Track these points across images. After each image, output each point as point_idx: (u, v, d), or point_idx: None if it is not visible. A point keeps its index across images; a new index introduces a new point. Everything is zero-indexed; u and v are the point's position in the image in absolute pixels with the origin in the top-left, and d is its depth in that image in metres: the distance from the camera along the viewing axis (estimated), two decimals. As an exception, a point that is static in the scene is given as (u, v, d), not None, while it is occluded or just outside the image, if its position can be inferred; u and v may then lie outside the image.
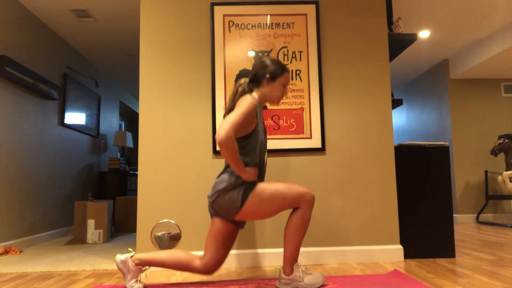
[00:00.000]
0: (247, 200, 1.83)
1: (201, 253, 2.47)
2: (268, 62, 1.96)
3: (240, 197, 1.83)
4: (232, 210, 1.85)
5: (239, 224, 1.99)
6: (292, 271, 1.86)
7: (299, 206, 1.86)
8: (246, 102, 1.81)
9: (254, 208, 1.84)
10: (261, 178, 1.97)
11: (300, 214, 1.85)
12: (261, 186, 1.85)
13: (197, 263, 1.89)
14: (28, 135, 3.53)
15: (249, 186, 1.85)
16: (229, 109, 1.97)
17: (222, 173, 1.93)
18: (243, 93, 1.98)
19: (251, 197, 1.83)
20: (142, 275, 2.23)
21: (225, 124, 1.71)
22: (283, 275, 1.87)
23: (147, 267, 1.92)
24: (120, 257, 1.90)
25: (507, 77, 5.25)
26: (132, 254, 1.91)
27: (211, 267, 1.89)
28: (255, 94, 1.97)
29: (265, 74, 1.94)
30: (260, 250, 2.50)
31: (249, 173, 1.85)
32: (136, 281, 1.88)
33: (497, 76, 5.16)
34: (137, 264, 1.88)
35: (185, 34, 2.64)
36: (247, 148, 1.88)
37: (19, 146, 3.38)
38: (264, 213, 1.86)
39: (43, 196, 3.80)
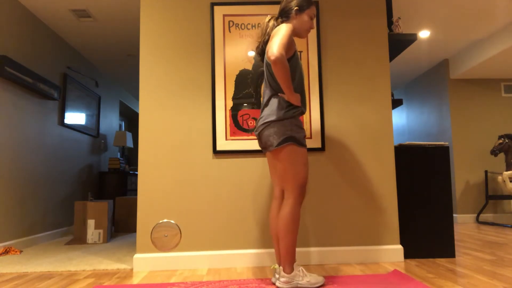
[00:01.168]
0: (281, 146, 1.87)
1: (202, 253, 2.47)
2: None
3: (280, 138, 1.86)
4: (269, 143, 1.91)
5: None
6: (291, 269, 1.88)
7: (289, 196, 1.88)
8: (284, 27, 1.86)
9: (279, 156, 1.89)
10: (304, 103, 2.00)
11: (287, 209, 1.89)
12: (296, 149, 1.88)
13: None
14: (28, 135, 3.53)
15: (292, 138, 1.87)
16: (263, 43, 2.01)
17: (265, 106, 1.96)
18: (274, 27, 2.00)
19: (284, 147, 1.87)
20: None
21: (274, 45, 1.76)
22: (283, 273, 1.88)
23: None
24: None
25: (507, 77, 5.25)
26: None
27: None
28: (288, 24, 1.98)
29: (293, 7, 1.98)
30: (260, 250, 2.50)
31: (296, 96, 1.89)
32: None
33: (497, 76, 5.16)
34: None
35: (185, 34, 2.64)
36: (290, 71, 1.92)
37: (19, 146, 3.38)
38: (279, 168, 1.91)
39: (43, 196, 3.80)
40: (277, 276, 1.94)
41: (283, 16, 2.02)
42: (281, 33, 1.82)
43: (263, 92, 2.03)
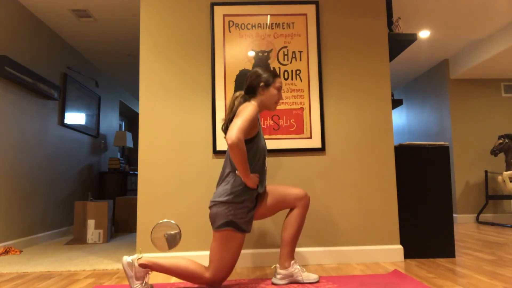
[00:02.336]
0: (219, 230, 1.83)
1: (202, 253, 2.47)
2: (259, 71, 2.01)
3: (220, 221, 1.83)
4: (213, 222, 1.87)
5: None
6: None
7: (208, 270, 1.86)
8: (249, 108, 1.86)
9: (215, 236, 1.85)
10: (262, 183, 1.97)
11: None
12: (233, 236, 1.84)
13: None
14: (28, 135, 3.53)
15: (232, 224, 1.83)
16: (227, 120, 2.00)
17: (220, 182, 1.93)
18: (241, 104, 2.00)
19: (222, 231, 1.83)
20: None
21: (234, 128, 1.75)
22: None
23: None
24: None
25: (507, 77, 5.25)
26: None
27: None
28: (253, 102, 1.98)
29: (260, 83, 1.99)
30: (260, 250, 2.50)
31: (253, 179, 1.86)
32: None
33: (497, 76, 5.16)
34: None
35: (185, 34, 2.64)
36: (249, 154, 1.91)
37: (19, 146, 3.38)
38: (212, 245, 1.87)
39: (43, 196, 3.80)
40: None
41: (250, 92, 2.02)
42: (243, 116, 1.81)
43: (223, 164, 1.99)
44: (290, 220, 1.97)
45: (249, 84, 2.01)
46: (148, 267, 1.82)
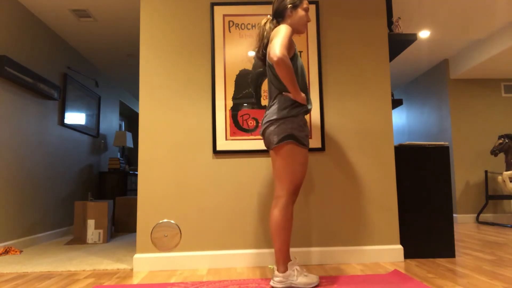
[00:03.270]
0: (281, 144, 1.88)
1: (201, 253, 2.47)
2: None
3: (280, 136, 1.87)
4: (270, 141, 1.92)
5: None
6: (285, 268, 1.88)
7: (282, 195, 1.88)
8: (283, 28, 1.87)
9: (278, 153, 1.89)
10: (308, 101, 2.01)
11: (280, 210, 1.89)
12: (296, 148, 1.88)
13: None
14: (28, 135, 3.53)
15: (292, 137, 1.87)
16: (260, 46, 2.02)
17: (271, 104, 1.96)
18: (271, 30, 2.01)
19: (284, 145, 1.87)
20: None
21: (276, 46, 1.77)
22: (276, 273, 1.89)
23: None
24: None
25: (507, 77, 5.25)
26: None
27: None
28: (285, 24, 1.99)
29: (286, 6, 1.99)
30: (260, 250, 2.50)
31: (302, 95, 1.89)
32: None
33: (497, 76, 5.16)
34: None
35: (185, 34, 2.63)
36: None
37: (19, 146, 3.38)
38: (276, 165, 1.91)
39: (43, 196, 3.80)
40: (275, 279, 1.93)
41: (278, 16, 2.03)
42: (280, 35, 1.83)
43: (268, 92, 2.04)
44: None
45: (276, 8, 2.02)
46: (285, 268, 1.88)
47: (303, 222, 2.55)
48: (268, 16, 2.07)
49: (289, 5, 1.98)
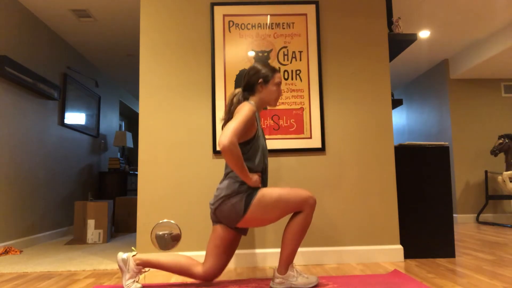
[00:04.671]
0: (250, 207, 1.83)
1: (201, 253, 2.47)
2: (258, 67, 1.98)
3: (242, 204, 1.83)
4: (234, 217, 1.85)
5: (242, 231, 1.98)
6: (286, 271, 1.88)
7: (302, 210, 1.86)
8: (245, 109, 1.82)
9: (257, 214, 1.84)
10: (264, 183, 1.97)
11: (302, 218, 1.85)
12: (264, 192, 1.84)
13: (198, 269, 1.89)
14: (28, 135, 3.53)
15: (252, 192, 1.84)
16: (226, 120, 1.99)
17: (224, 179, 1.92)
18: (239, 102, 1.99)
19: (254, 204, 1.83)
20: (141, 276, 2.22)
21: (227, 131, 1.72)
22: (277, 274, 1.89)
23: (147, 269, 1.91)
24: (122, 255, 1.88)
25: (507, 77, 5.25)
26: (134, 253, 1.90)
27: (211, 274, 1.90)
28: (252, 101, 1.98)
29: (258, 79, 1.95)
30: (260, 250, 2.50)
31: (253, 179, 1.84)
32: (134, 281, 1.87)
33: (497, 76, 5.16)
34: (138, 264, 1.88)
35: (185, 34, 2.64)
36: (249, 154, 1.89)
37: (19, 146, 3.38)
38: (267, 219, 1.86)
39: (43, 196, 3.80)
40: (276, 281, 1.93)
41: (248, 90, 1.98)
42: (239, 117, 1.77)
43: (225, 165, 1.97)
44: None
45: (247, 81, 1.98)
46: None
47: (303, 222, 2.54)
48: (239, 89, 2.03)
49: (260, 80, 1.94)
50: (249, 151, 1.90)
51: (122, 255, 1.88)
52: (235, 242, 1.95)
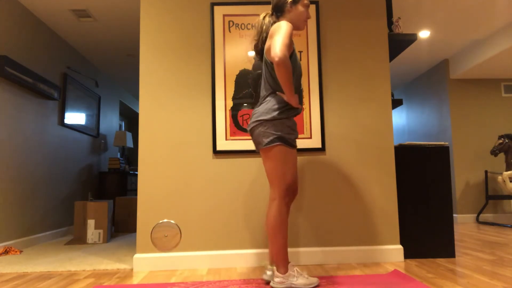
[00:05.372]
0: (270, 145, 1.86)
1: (202, 253, 2.47)
2: None
3: (269, 138, 1.86)
4: (259, 142, 1.90)
5: None
6: (286, 270, 1.88)
7: (275, 197, 1.88)
8: (284, 25, 1.84)
9: (267, 155, 1.88)
10: (300, 102, 1.99)
11: (274, 213, 1.87)
12: (285, 150, 1.86)
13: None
14: (28, 135, 3.53)
15: (282, 139, 1.86)
16: (260, 41, 1.99)
17: (261, 103, 1.94)
18: (271, 24, 1.99)
19: (273, 147, 1.86)
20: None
21: (277, 46, 1.74)
22: (277, 273, 1.89)
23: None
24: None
25: (507, 77, 5.25)
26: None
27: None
28: (285, 20, 1.97)
29: (286, 1, 1.96)
30: (260, 250, 2.50)
31: (296, 97, 1.87)
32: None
33: (497, 76, 5.16)
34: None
35: (185, 34, 2.63)
36: None
37: (19, 146, 3.38)
38: (267, 167, 1.90)
39: (43, 196, 3.80)
40: (268, 273, 1.96)
41: (278, 11, 2.00)
42: (282, 33, 1.79)
43: (261, 88, 2.00)
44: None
45: (276, 3, 1.99)
46: (286, 270, 1.88)
47: (303, 222, 2.55)
48: (267, 12, 2.05)
49: (289, 0, 1.96)
50: None
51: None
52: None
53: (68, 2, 3.42)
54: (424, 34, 4.24)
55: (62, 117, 4.21)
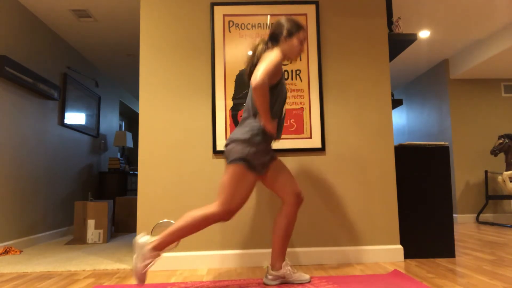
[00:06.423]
0: (233, 163, 1.86)
1: (202, 253, 2.47)
2: (283, 21, 2.02)
3: (234, 156, 1.86)
4: (227, 157, 1.91)
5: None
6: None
7: (214, 208, 1.85)
8: (274, 54, 1.89)
9: (227, 170, 1.88)
10: (279, 130, 2.02)
11: (200, 218, 1.84)
12: (246, 173, 1.85)
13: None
14: (28, 135, 3.53)
15: (247, 162, 1.85)
16: (251, 65, 2.02)
17: (241, 125, 1.95)
18: (264, 50, 2.02)
19: (236, 165, 1.85)
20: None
21: (259, 71, 1.78)
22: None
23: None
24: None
25: (507, 77, 5.25)
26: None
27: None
28: (277, 49, 1.99)
29: (282, 32, 2.00)
30: (260, 250, 2.50)
31: (272, 123, 1.89)
32: (292, 272, 1.93)
33: (497, 76, 5.16)
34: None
35: (185, 34, 2.63)
36: (271, 98, 1.94)
37: (19, 146, 3.38)
38: (223, 179, 1.89)
39: (43, 196, 3.80)
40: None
41: (273, 40, 2.03)
42: (268, 60, 1.84)
43: (243, 110, 2.01)
44: (279, 220, 1.98)
45: (273, 31, 2.03)
46: (158, 248, 1.81)
47: (303, 222, 2.55)
48: (263, 38, 2.08)
49: (285, 32, 1.99)
50: (271, 95, 1.94)
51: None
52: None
53: (68, 2, 3.42)
54: (424, 34, 4.24)
55: (62, 117, 4.21)
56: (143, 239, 1.84)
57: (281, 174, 2.00)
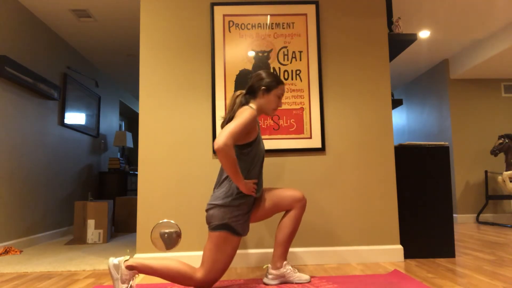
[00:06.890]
0: (215, 231, 1.82)
1: (202, 253, 2.47)
2: (263, 74, 1.99)
3: (216, 222, 1.82)
4: (209, 223, 1.86)
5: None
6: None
7: (200, 274, 1.82)
8: (246, 113, 1.83)
9: (210, 237, 1.85)
10: (258, 188, 1.96)
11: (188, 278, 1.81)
12: (228, 238, 1.82)
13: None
14: (28, 135, 3.53)
15: (228, 227, 1.82)
16: (226, 120, 1.99)
17: (218, 186, 1.91)
18: (241, 104, 2.00)
19: (218, 233, 1.82)
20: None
21: (224, 132, 1.72)
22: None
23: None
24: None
25: (507, 77, 5.25)
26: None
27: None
28: (252, 105, 1.98)
29: (261, 86, 1.97)
30: (260, 250, 2.50)
31: (247, 185, 1.83)
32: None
33: (497, 76, 5.16)
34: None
35: (185, 34, 2.64)
36: (248, 158, 1.90)
37: (19, 146, 3.38)
38: (206, 246, 1.85)
39: (43, 196, 3.80)
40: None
41: (251, 93, 2.00)
42: (238, 120, 1.78)
43: (220, 168, 1.97)
44: (285, 221, 1.98)
45: (251, 85, 2.00)
46: (135, 269, 1.76)
47: (303, 222, 2.55)
48: (242, 91, 2.04)
49: (263, 87, 1.96)
50: (248, 155, 1.90)
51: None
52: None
53: (68, 2, 3.42)
54: (424, 34, 4.24)
55: (62, 117, 4.21)
56: (115, 260, 1.78)
57: (272, 197, 1.97)
